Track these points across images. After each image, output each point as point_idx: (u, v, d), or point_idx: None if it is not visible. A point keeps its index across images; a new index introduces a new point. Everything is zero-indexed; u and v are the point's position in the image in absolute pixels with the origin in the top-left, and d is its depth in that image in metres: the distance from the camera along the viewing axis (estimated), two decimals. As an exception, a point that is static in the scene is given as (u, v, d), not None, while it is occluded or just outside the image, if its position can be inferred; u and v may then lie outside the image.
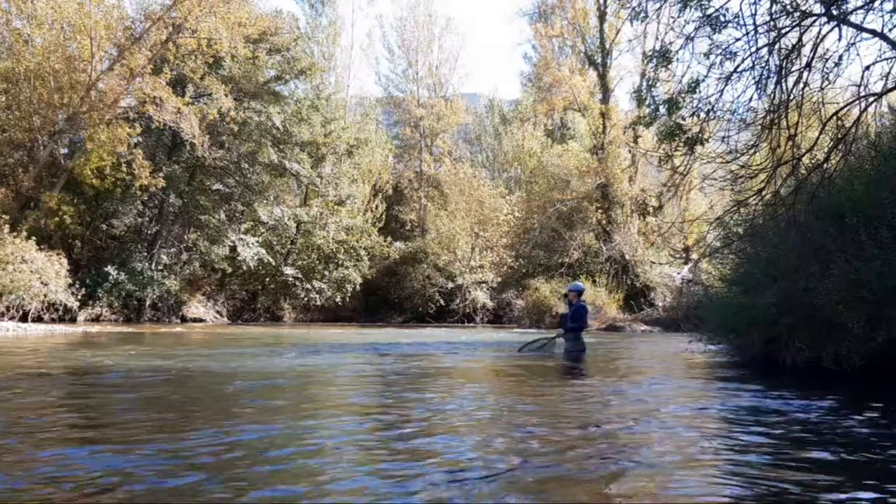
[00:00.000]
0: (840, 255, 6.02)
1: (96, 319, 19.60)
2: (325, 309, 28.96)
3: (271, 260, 26.28)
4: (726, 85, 8.53)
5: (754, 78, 8.44)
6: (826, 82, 8.25)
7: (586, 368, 7.76)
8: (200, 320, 23.76)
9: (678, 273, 24.69)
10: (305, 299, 27.91)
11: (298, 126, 25.83)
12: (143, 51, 19.03)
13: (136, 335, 13.86)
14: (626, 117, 27.00)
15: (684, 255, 26.22)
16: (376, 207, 33.42)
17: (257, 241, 25.76)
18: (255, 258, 25.05)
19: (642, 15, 9.00)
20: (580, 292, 9.65)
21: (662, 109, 9.01)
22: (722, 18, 8.27)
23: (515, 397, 5.26)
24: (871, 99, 7.97)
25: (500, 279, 29.33)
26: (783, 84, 8.25)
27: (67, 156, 19.85)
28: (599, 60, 29.41)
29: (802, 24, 8.04)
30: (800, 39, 8.17)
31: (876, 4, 7.66)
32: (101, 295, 19.81)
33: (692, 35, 8.54)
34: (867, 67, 7.91)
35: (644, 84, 9.92)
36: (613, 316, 22.90)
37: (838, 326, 5.92)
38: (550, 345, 9.62)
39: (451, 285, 29.89)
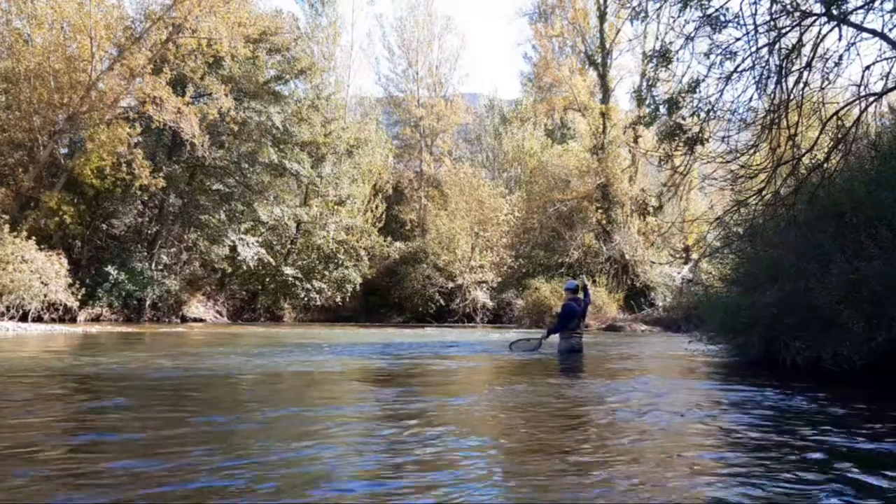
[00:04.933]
0: (840, 255, 6.02)
1: (96, 319, 19.60)
2: (325, 309, 28.97)
3: (271, 260, 26.30)
4: (726, 85, 8.56)
5: (754, 78, 8.46)
6: (826, 82, 8.27)
7: (575, 368, 7.73)
8: (200, 320, 23.76)
9: (678, 273, 24.68)
10: (305, 299, 27.92)
11: (298, 126, 25.85)
12: (143, 51, 19.04)
13: (136, 335, 13.85)
14: (626, 117, 27.01)
15: (684, 255, 26.23)
16: (376, 207, 33.43)
17: (257, 241, 25.76)
18: (255, 258, 25.06)
19: (642, 15, 9.02)
20: (570, 290, 9.50)
21: (662, 109, 9.03)
22: (722, 18, 8.28)
23: (512, 398, 5.26)
24: (871, 99, 7.98)
25: (500, 279, 29.35)
26: (783, 84, 8.26)
27: (67, 156, 19.85)
28: (599, 60, 29.42)
29: (802, 24, 8.05)
30: (800, 39, 8.18)
31: (876, 4, 7.68)
32: (101, 295, 19.81)
33: (692, 35, 8.56)
34: (867, 67, 7.92)
35: (644, 84, 9.95)
36: (613, 316, 22.91)
37: (838, 326, 5.92)
38: (534, 344, 9.65)
39: (451, 285, 29.89)
